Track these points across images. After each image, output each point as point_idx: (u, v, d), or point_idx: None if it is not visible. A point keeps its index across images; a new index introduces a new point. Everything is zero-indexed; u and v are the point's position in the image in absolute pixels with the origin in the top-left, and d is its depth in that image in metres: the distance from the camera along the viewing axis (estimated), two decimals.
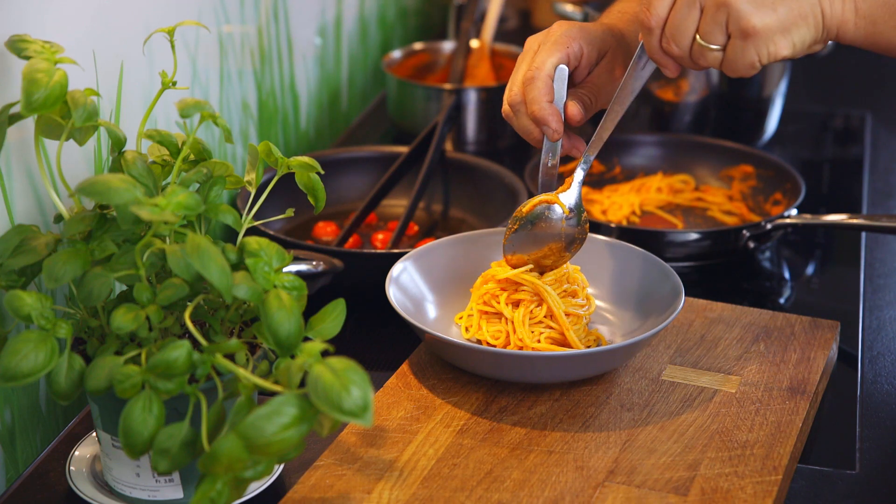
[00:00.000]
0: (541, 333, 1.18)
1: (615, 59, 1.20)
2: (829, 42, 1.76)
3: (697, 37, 1.08)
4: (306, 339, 0.95)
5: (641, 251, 1.26)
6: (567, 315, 1.19)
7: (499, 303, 1.20)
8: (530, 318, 1.19)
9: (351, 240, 1.47)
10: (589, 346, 1.20)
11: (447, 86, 1.75)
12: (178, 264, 0.93)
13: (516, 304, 1.20)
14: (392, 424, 1.11)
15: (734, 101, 1.72)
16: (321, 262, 1.28)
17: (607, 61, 1.20)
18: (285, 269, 1.00)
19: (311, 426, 0.88)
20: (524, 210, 1.19)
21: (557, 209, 1.19)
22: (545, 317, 1.19)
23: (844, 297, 1.40)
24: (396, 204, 1.55)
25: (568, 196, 1.19)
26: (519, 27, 2.30)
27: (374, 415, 1.02)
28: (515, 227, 1.19)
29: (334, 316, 1.00)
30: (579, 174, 1.20)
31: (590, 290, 1.24)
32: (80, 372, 0.96)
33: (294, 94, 1.71)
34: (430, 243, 1.29)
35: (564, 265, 1.22)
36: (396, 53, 1.85)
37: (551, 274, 1.20)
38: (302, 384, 0.89)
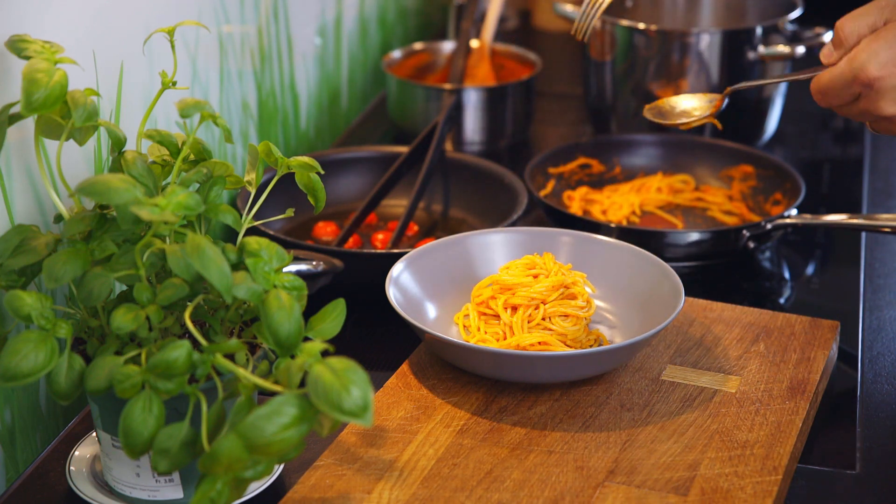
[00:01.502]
0: (540, 335, 1.18)
1: None
2: (830, 40, 1.76)
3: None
4: (306, 339, 0.95)
5: (641, 251, 1.26)
6: (566, 316, 1.19)
7: (496, 305, 1.20)
8: (528, 321, 1.19)
9: (351, 240, 1.47)
10: (590, 346, 1.20)
11: (447, 86, 1.75)
12: (178, 264, 0.93)
13: (514, 309, 1.20)
14: (392, 424, 1.11)
15: (734, 101, 1.71)
16: (321, 262, 1.28)
17: None
18: (285, 269, 1.00)
19: (311, 426, 0.88)
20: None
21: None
22: (543, 319, 1.19)
23: (844, 297, 1.40)
24: (396, 204, 1.55)
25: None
26: (519, 27, 2.30)
27: (374, 415, 1.02)
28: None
29: (334, 316, 1.00)
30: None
31: (589, 291, 1.24)
32: (80, 372, 0.96)
33: (294, 94, 1.71)
34: (430, 243, 1.29)
35: (567, 269, 1.23)
36: (396, 53, 1.85)
37: (547, 280, 1.20)
38: (302, 384, 0.89)
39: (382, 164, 1.57)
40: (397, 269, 1.24)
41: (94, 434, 1.11)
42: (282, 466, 1.08)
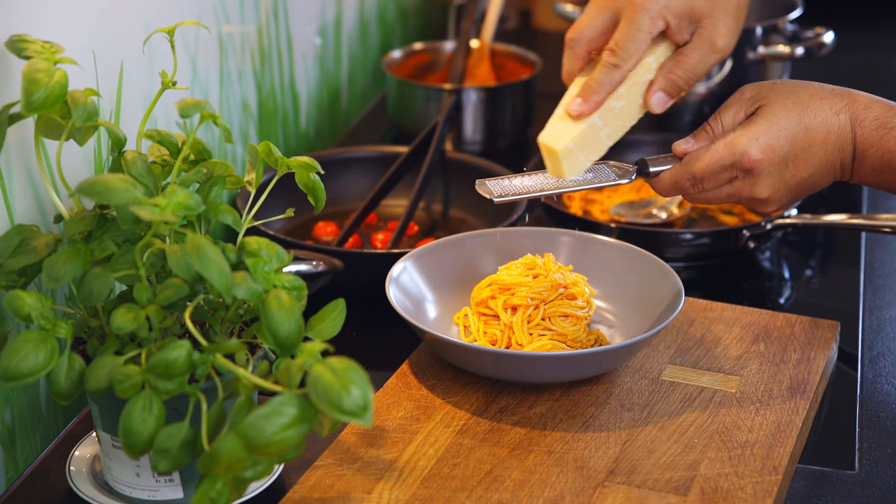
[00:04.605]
0: (540, 335, 1.18)
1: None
2: (830, 41, 1.77)
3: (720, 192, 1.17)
4: (306, 339, 0.95)
5: (641, 251, 1.26)
6: (566, 316, 1.19)
7: (496, 305, 1.20)
8: (528, 322, 1.19)
9: (351, 240, 1.47)
10: (590, 346, 1.20)
11: (447, 86, 1.75)
12: (178, 264, 0.93)
13: (514, 309, 1.20)
14: (392, 424, 1.11)
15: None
16: (321, 262, 1.28)
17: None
18: (285, 269, 1.00)
19: (311, 426, 0.88)
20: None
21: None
22: (542, 319, 1.19)
23: (844, 297, 1.40)
24: (396, 204, 1.55)
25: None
26: (519, 27, 2.30)
27: (374, 415, 1.02)
28: None
29: (334, 316, 1.00)
30: None
31: (588, 293, 1.24)
32: (80, 372, 0.96)
33: (294, 94, 1.71)
34: (430, 243, 1.29)
35: (567, 271, 1.23)
36: (396, 53, 1.85)
37: (546, 280, 1.20)
38: (302, 384, 0.89)
39: (382, 164, 1.57)
40: (397, 269, 1.24)
41: (94, 434, 1.11)
42: (282, 466, 1.08)
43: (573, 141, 1.13)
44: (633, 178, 1.17)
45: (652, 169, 1.18)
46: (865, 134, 1.14)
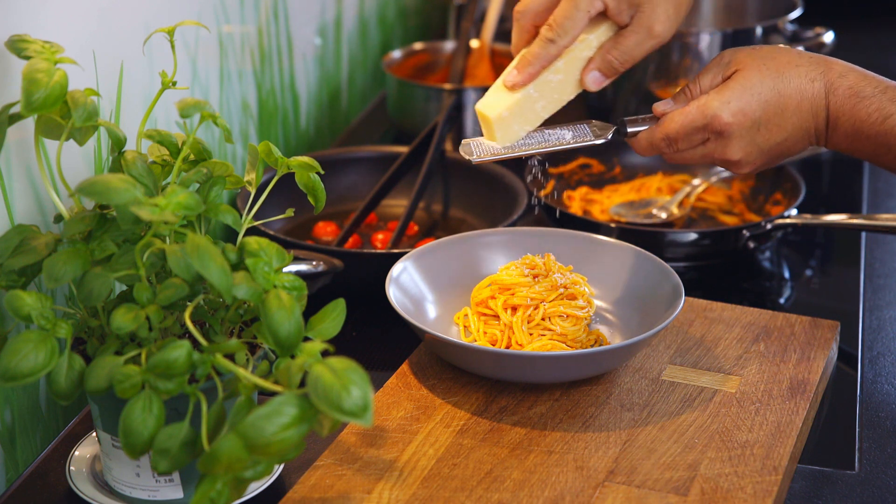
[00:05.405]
0: (540, 335, 1.18)
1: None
2: (830, 41, 1.77)
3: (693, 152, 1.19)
4: (306, 339, 0.95)
5: (641, 251, 1.26)
6: (566, 316, 1.19)
7: (495, 305, 1.20)
8: (528, 322, 1.19)
9: (351, 240, 1.47)
10: (590, 346, 1.20)
11: (447, 86, 1.75)
12: (178, 264, 0.93)
13: (514, 309, 1.20)
14: (392, 424, 1.11)
15: None
16: (321, 262, 1.28)
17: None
18: (285, 269, 1.00)
19: (311, 426, 0.88)
20: None
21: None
22: (542, 319, 1.19)
23: (844, 297, 1.40)
24: (396, 204, 1.55)
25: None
26: None
27: (374, 415, 1.02)
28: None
29: (334, 316, 1.00)
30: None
31: (588, 293, 1.24)
32: (80, 372, 0.96)
33: (294, 93, 1.71)
34: (430, 243, 1.29)
35: (568, 271, 1.23)
36: (396, 53, 1.85)
37: (546, 280, 1.20)
38: (302, 384, 0.89)
39: (382, 164, 1.57)
40: (397, 269, 1.24)
41: (94, 434, 1.11)
42: (282, 466, 1.08)
43: (507, 110, 1.15)
44: (611, 137, 1.20)
45: (630, 129, 1.20)
46: (838, 102, 1.16)
